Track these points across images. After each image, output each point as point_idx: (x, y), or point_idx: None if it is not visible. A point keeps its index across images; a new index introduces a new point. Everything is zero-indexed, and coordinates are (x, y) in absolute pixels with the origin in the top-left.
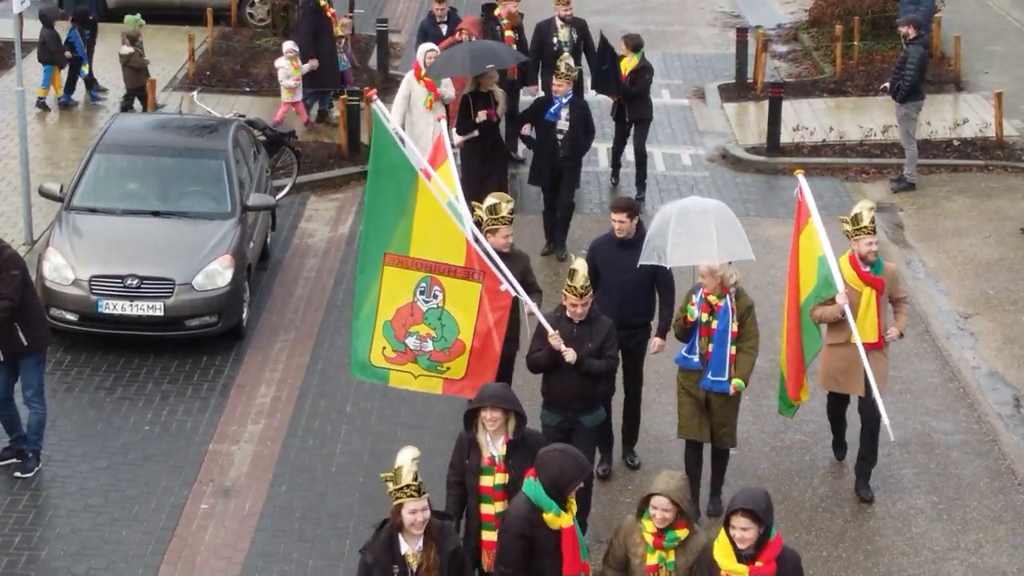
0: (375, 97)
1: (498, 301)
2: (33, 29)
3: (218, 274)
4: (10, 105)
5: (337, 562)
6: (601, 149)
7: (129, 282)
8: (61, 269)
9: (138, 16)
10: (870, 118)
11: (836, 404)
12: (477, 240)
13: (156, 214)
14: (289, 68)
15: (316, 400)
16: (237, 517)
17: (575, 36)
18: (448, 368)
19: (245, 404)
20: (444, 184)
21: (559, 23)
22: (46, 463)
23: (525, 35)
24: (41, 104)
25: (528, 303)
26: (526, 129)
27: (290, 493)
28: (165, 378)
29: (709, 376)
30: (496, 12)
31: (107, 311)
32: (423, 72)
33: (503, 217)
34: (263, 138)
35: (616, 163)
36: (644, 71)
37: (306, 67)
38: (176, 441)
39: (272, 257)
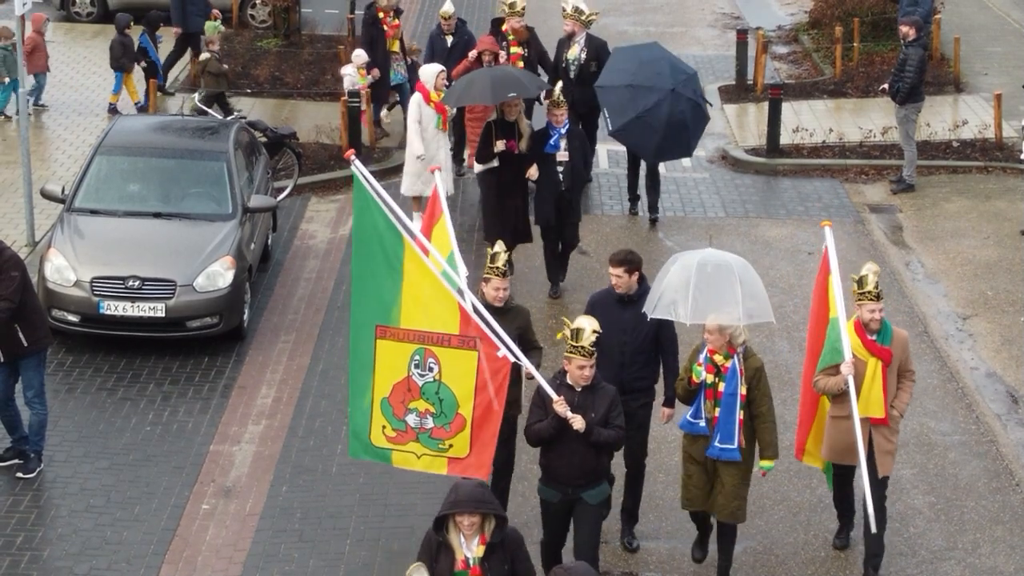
0: (354, 157)
1: (497, 367)
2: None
3: (219, 275)
4: (11, 107)
5: (337, 563)
6: (600, 151)
7: (131, 283)
8: (63, 270)
9: (218, 22)
10: (870, 119)
11: (841, 480)
12: (474, 306)
13: (157, 215)
14: (355, 76)
15: (317, 401)
16: (238, 517)
17: (583, 55)
18: (451, 446)
19: (246, 405)
20: (437, 247)
21: (573, 39)
22: (48, 463)
23: (542, 48)
24: (112, 110)
25: (529, 367)
26: (532, 171)
27: (291, 493)
28: (166, 379)
29: (716, 443)
30: (503, 27)
31: (108, 312)
32: (433, 96)
33: (497, 268)
34: (264, 139)
35: (633, 194)
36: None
37: (370, 77)
38: (177, 442)
39: (273, 258)
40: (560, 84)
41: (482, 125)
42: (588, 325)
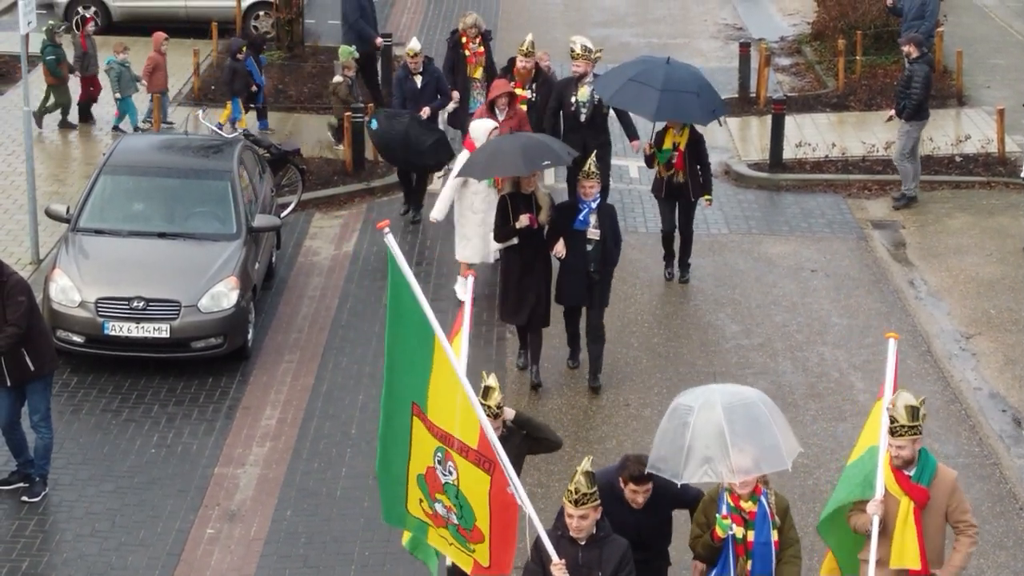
0: (387, 230)
1: (506, 502)
2: (37, 45)
3: (224, 296)
4: (15, 120)
5: None
6: (631, 166)
7: (135, 304)
8: (68, 291)
9: (352, 48)
10: (872, 133)
11: None
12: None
13: (162, 235)
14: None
15: (321, 422)
16: (243, 542)
17: (596, 97)
18: (474, 550)
19: (250, 426)
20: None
21: (582, 80)
22: (53, 487)
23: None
24: (218, 127)
25: (531, 514)
26: (559, 248)
27: (295, 517)
28: (171, 400)
29: None
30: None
31: (113, 333)
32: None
33: (488, 406)
34: (268, 156)
35: (669, 251)
36: (698, 142)
37: (451, 104)
38: (182, 464)
39: (277, 276)
40: (593, 155)
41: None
42: (584, 465)
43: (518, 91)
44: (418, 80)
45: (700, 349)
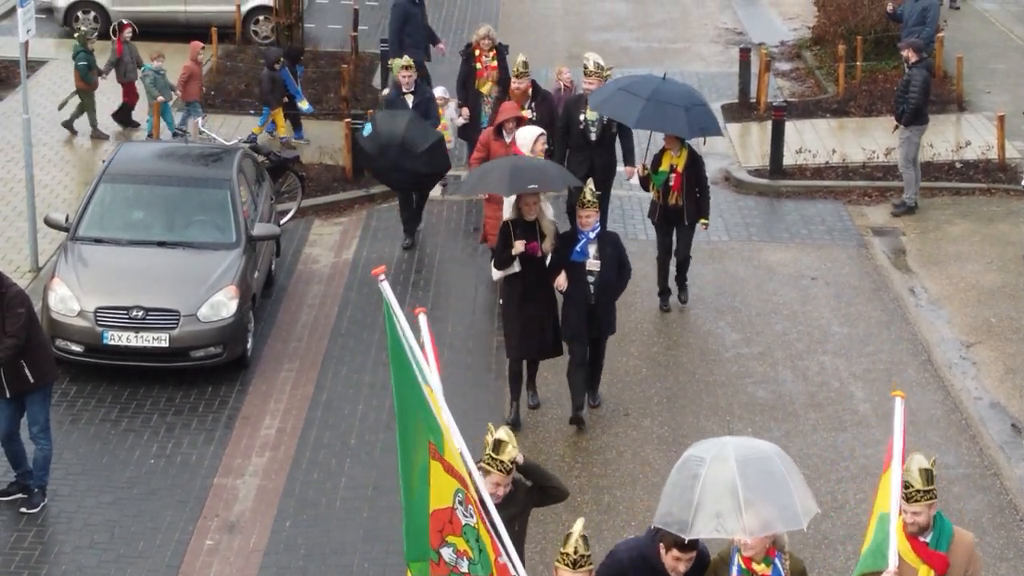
0: (383, 276)
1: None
2: (38, 49)
3: (223, 305)
4: (15, 127)
5: None
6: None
7: (134, 313)
8: (67, 300)
9: (402, 60)
10: (873, 139)
11: None
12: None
13: (161, 244)
14: (455, 116)
15: (321, 432)
16: (242, 554)
17: (606, 116)
18: None
19: (250, 436)
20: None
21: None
22: (52, 498)
23: (556, 110)
24: (251, 140)
25: None
26: (560, 280)
27: (294, 529)
28: (170, 410)
29: None
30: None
31: (112, 342)
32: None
33: (501, 462)
34: (267, 163)
35: (664, 285)
36: (697, 165)
37: (460, 119)
38: (181, 475)
39: (276, 283)
40: (591, 182)
41: (501, 210)
42: (577, 529)
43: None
44: (409, 100)
45: (700, 358)
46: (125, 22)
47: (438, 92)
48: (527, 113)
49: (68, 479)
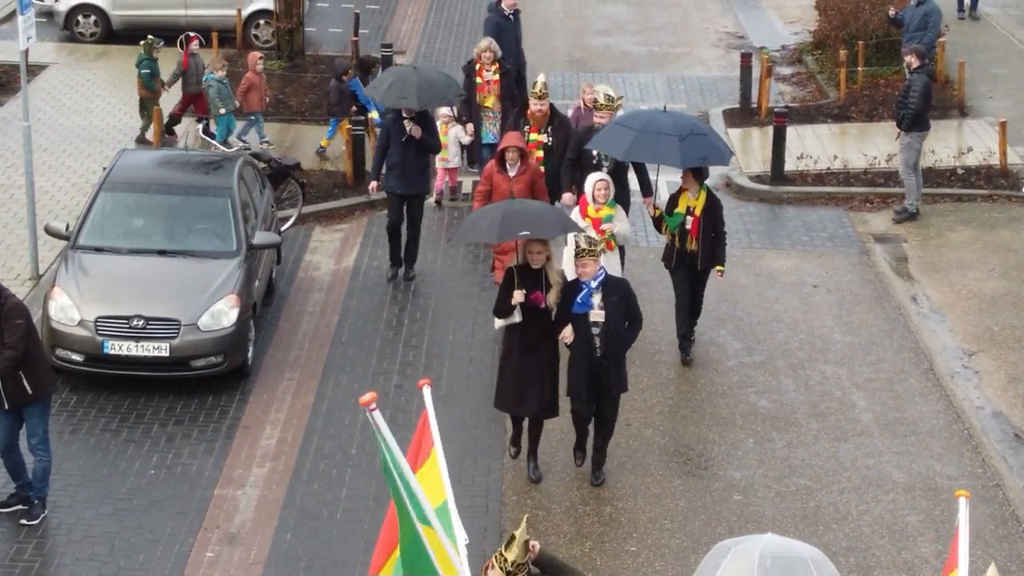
0: (373, 405)
1: None
2: (39, 53)
3: (223, 314)
4: (15, 132)
5: None
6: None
7: (135, 323)
8: (67, 309)
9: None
10: (874, 145)
11: None
12: None
13: (162, 253)
14: (460, 136)
15: (321, 442)
16: (243, 566)
17: (594, 150)
18: None
19: (250, 446)
20: (426, 489)
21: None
22: (52, 509)
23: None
24: (320, 153)
25: None
26: (567, 333)
27: (295, 540)
28: (170, 419)
29: None
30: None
31: (113, 352)
32: (591, 209)
33: (504, 559)
34: (268, 170)
35: (686, 331)
36: (715, 208)
37: (467, 137)
38: (181, 486)
39: (277, 291)
40: (590, 228)
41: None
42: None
43: (532, 136)
44: (408, 126)
45: (702, 367)
46: (192, 34)
47: (442, 110)
48: (543, 138)
49: (68, 490)
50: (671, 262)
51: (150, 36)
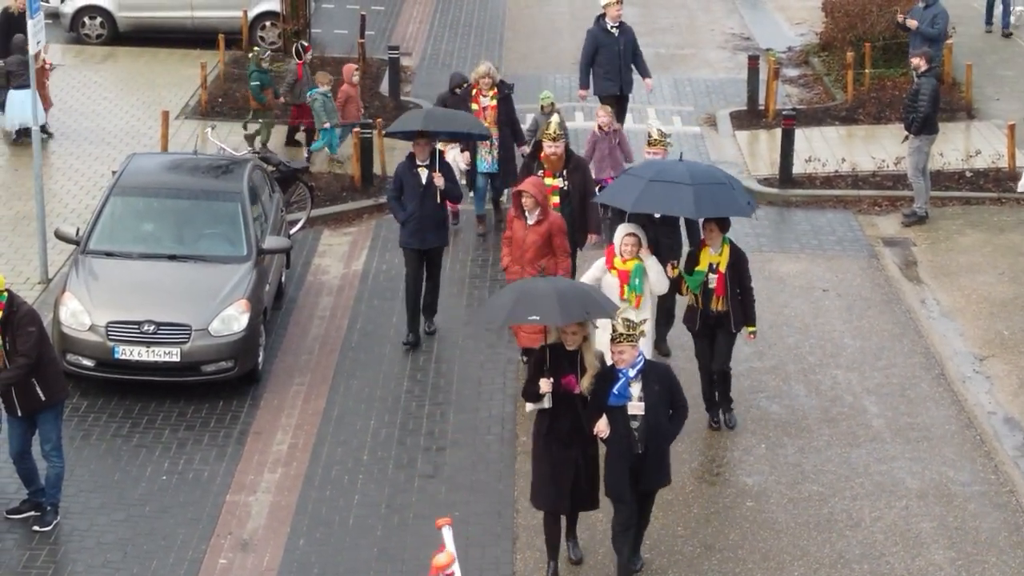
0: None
1: None
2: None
3: (234, 319)
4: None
5: None
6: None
7: (146, 328)
8: (78, 315)
9: (548, 93)
10: (882, 147)
11: None
12: None
13: (172, 258)
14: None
15: (332, 448)
16: (255, 573)
17: (600, 203)
18: None
19: (262, 452)
20: None
21: None
22: (64, 515)
23: (590, 181)
24: (333, 157)
25: None
26: (601, 427)
27: (308, 547)
28: (181, 424)
29: None
30: (540, 154)
31: (124, 357)
32: (618, 262)
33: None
34: (276, 173)
35: (711, 395)
36: (741, 263)
37: (463, 164)
38: (193, 492)
39: (287, 295)
40: (624, 306)
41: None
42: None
43: (548, 180)
44: (423, 174)
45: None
46: (307, 44)
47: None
48: (558, 182)
49: (80, 496)
50: (694, 324)
51: (257, 47)
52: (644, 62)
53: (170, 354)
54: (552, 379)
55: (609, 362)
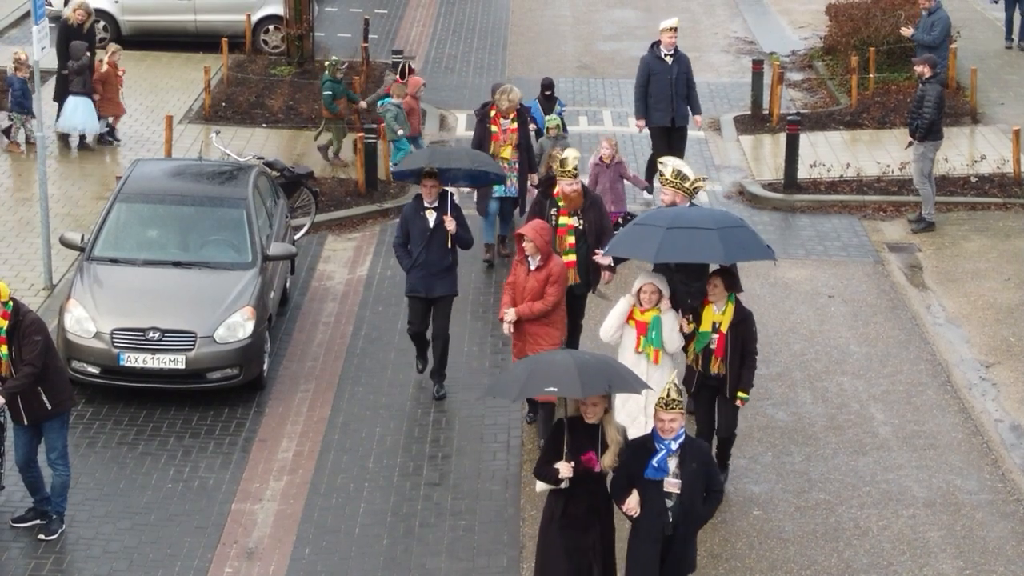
0: None
1: None
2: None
3: (239, 326)
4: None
5: None
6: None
7: (151, 335)
8: (83, 322)
9: (555, 116)
10: (887, 152)
11: None
12: None
13: (177, 264)
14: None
15: (338, 455)
16: None
17: (614, 256)
18: None
19: (267, 460)
20: None
21: None
22: (70, 524)
23: (605, 218)
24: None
25: None
26: (632, 504)
27: (314, 556)
28: (187, 432)
29: None
30: (554, 191)
31: (129, 364)
32: (637, 313)
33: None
34: (281, 179)
35: (724, 452)
36: (745, 323)
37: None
38: (199, 500)
39: (291, 301)
40: (674, 378)
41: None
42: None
43: (563, 220)
44: (431, 218)
45: None
46: (413, 66)
47: None
48: (574, 222)
49: (86, 504)
50: (692, 387)
51: (334, 57)
52: (697, 95)
53: (175, 361)
54: (573, 461)
55: (632, 433)
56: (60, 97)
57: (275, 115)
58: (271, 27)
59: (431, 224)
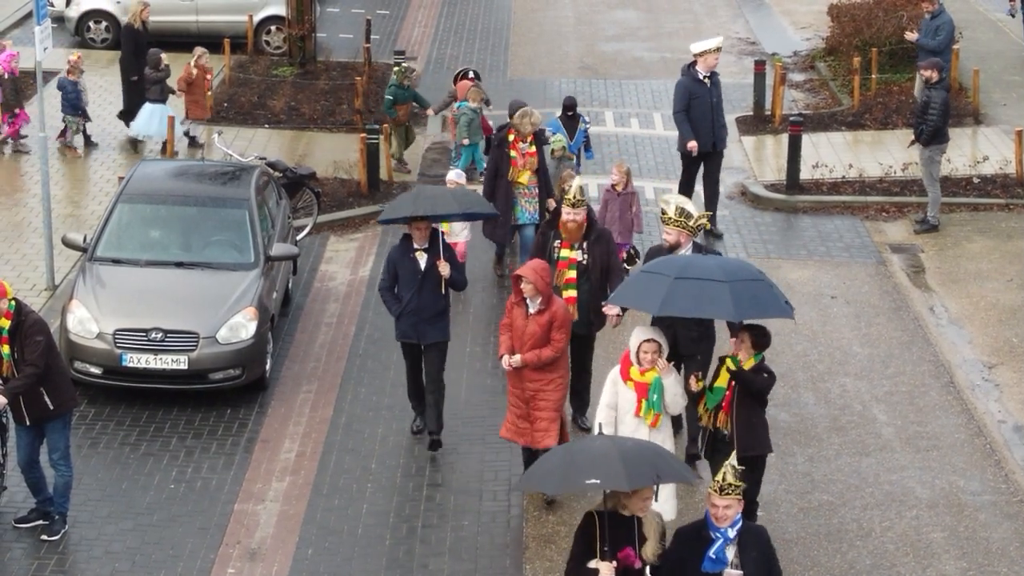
0: None
1: None
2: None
3: (242, 327)
4: (31, 142)
5: None
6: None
7: (153, 335)
8: (85, 322)
9: (560, 137)
10: (889, 153)
11: None
12: None
13: (179, 265)
14: None
15: (341, 456)
16: None
17: (619, 305)
18: None
19: (269, 460)
20: None
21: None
22: (72, 524)
23: (614, 254)
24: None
25: None
26: None
27: (317, 557)
28: (189, 432)
29: None
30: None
31: (131, 364)
32: (635, 372)
33: None
34: (283, 179)
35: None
36: (761, 372)
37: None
38: (201, 501)
39: (293, 302)
40: (732, 462)
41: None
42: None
43: (564, 253)
44: (422, 260)
45: None
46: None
47: (451, 176)
48: (576, 255)
49: (88, 505)
50: (702, 447)
51: (404, 63)
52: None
53: (178, 362)
54: (614, 562)
55: (668, 517)
56: (131, 103)
57: (277, 116)
58: (273, 28)
59: (423, 267)
